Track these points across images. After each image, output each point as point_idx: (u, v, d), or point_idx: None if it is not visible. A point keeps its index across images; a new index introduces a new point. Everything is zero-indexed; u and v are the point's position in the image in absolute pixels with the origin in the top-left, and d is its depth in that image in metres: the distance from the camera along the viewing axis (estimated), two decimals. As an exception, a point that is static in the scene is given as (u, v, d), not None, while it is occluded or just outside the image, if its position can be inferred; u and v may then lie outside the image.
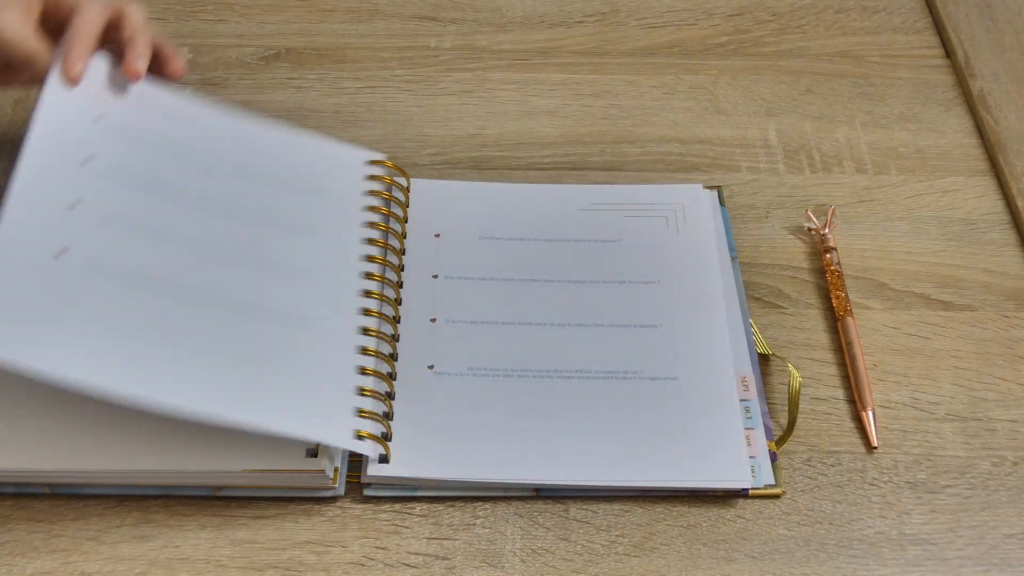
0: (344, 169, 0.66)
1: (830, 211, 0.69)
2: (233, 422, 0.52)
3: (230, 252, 0.59)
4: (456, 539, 0.55)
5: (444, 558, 0.54)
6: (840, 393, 0.61)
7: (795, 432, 0.59)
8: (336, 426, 0.55)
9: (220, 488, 0.56)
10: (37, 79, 0.60)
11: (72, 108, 0.60)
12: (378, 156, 0.68)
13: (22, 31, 0.59)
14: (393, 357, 0.60)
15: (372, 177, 0.67)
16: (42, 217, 0.56)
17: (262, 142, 0.65)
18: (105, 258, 0.56)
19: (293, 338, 0.57)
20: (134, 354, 0.53)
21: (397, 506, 0.56)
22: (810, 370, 0.62)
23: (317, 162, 0.66)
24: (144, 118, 0.63)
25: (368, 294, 0.61)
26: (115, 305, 0.54)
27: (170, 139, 0.63)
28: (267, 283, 0.59)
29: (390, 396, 0.58)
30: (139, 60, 0.61)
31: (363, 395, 0.56)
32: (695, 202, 0.69)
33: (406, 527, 0.55)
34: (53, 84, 0.59)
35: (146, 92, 0.63)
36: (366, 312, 0.61)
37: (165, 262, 0.57)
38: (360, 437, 0.55)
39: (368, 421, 0.56)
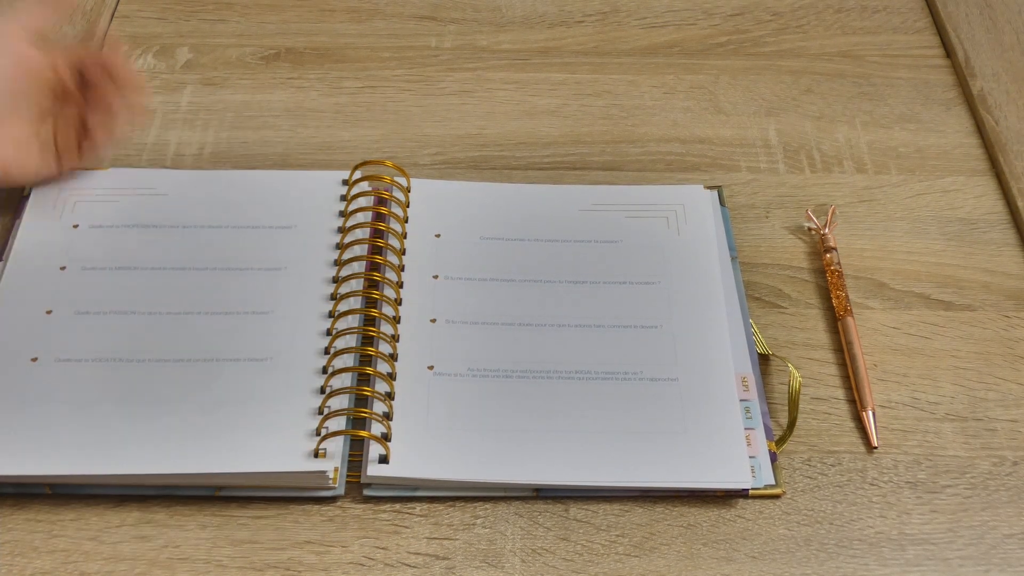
0: (314, 198, 0.68)
1: (830, 211, 0.69)
2: (195, 469, 0.55)
3: (197, 306, 0.62)
4: (456, 539, 0.55)
5: (444, 558, 0.54)
6: (840, 393, 0.61)
7: (795, 432, 0.59)
8: (286, 452, 0.55)
9: (220, 488, 0.56)
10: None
11: (50, 220, 0.66)
12: (375, 157, 0.68)
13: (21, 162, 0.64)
14: (393, 357, 0.60)
15: (368, 178, 0.68)
16: (21, 324, 0.61)
17: (233, 192, 0.68)
18: (73, 351, 0.60)
19: (252, 376, 0.59)
20: (98, 429, 0.56)
21: (397, 506, 0.56)
22: (810, 370, 0.62)
23: (286, 198, 0.68)
24: (116, 212, 0.67)
25: (367, 295, 0.62)
26: (81, 385, 0.58)
27: (142, 219, 0.67)
28: (231, 328, 0.61)
29: (390, 396, 0.58)
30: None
31: (321, 415, 0.57)
32: (695, 202, 0.69)
33: (406, 527, 0.55)
34: (34, 203, 0.67)
35: (118, 183, 0.68)
36: (366, 319, 0.62)
37: (132, 335, 0.60)
38: (317, 455, 0.55)
39: (327, 439, 0.56)
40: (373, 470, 0.55)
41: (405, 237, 0.66)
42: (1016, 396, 0.61)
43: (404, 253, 0.65)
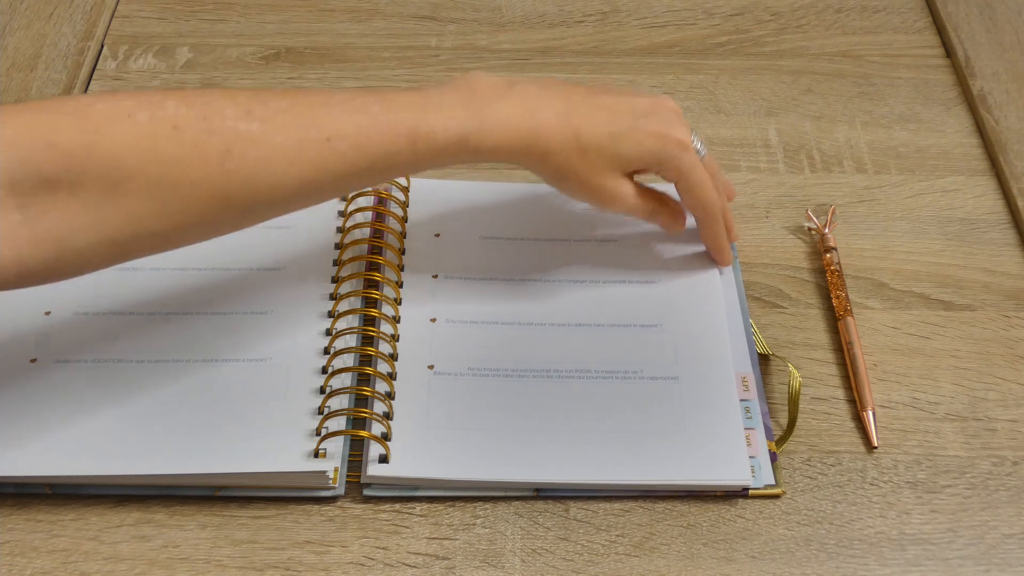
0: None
1: (830, 211, 0.69)
2: (195, 469, 0.55)
3: (196, 307, 0.62)
4: (456, 539, 0.55)
5: (444, 558, 0.54)
6: (840, 393, 0.61)
7: (795, 432, 0.59)
8: (286, 452, 0.55)
9: (220, 488, 0.56)
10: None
11: None
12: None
13: (632, 197, 0.60)
14: (393, 357, 0.60)
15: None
16: (20, 325, 0.60)
17: None
18: (72, 352, 0.60)
19: (252, 376, 0.59)
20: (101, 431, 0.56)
21: (397, 506, 0.56)
22: (810, 370, 0.62)
23: None
24: None
25: (367, 295, 0.62)
26: (80, 386, 0.58)
27: None
28: (230, 328, 0.61)
29: (390, 396, 0.58)
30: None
31: (321, 414, 0.57)
32: (695, 202, 0.69)
33: (406, 527, 0.55)
34: None
35: None
36: (366, 319, 0.62)
37: (131, 336, 0.60)
38: (317, 455, 0.55)
39: (327, 439, 0.55)
40: (373, 470, 0.55)
41: (405, 237, 0.66)
42: (1016, 396, 0.61)
43: (404, 253, 0.65)
